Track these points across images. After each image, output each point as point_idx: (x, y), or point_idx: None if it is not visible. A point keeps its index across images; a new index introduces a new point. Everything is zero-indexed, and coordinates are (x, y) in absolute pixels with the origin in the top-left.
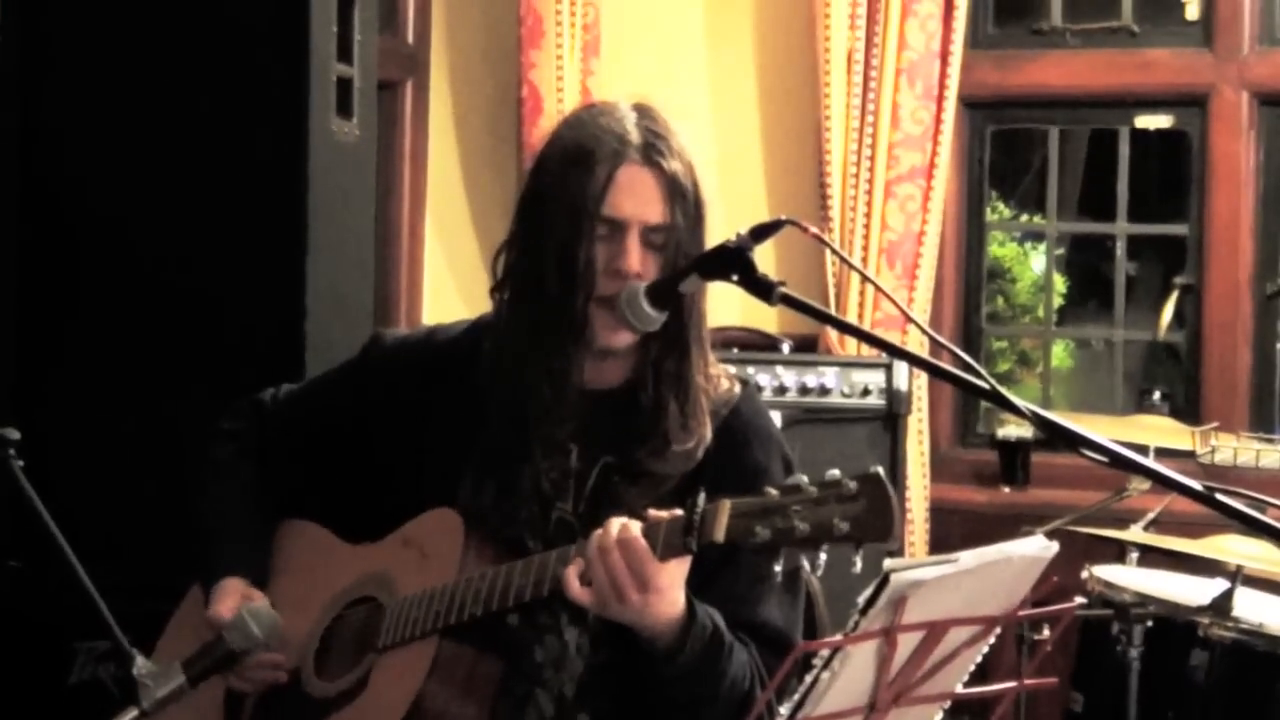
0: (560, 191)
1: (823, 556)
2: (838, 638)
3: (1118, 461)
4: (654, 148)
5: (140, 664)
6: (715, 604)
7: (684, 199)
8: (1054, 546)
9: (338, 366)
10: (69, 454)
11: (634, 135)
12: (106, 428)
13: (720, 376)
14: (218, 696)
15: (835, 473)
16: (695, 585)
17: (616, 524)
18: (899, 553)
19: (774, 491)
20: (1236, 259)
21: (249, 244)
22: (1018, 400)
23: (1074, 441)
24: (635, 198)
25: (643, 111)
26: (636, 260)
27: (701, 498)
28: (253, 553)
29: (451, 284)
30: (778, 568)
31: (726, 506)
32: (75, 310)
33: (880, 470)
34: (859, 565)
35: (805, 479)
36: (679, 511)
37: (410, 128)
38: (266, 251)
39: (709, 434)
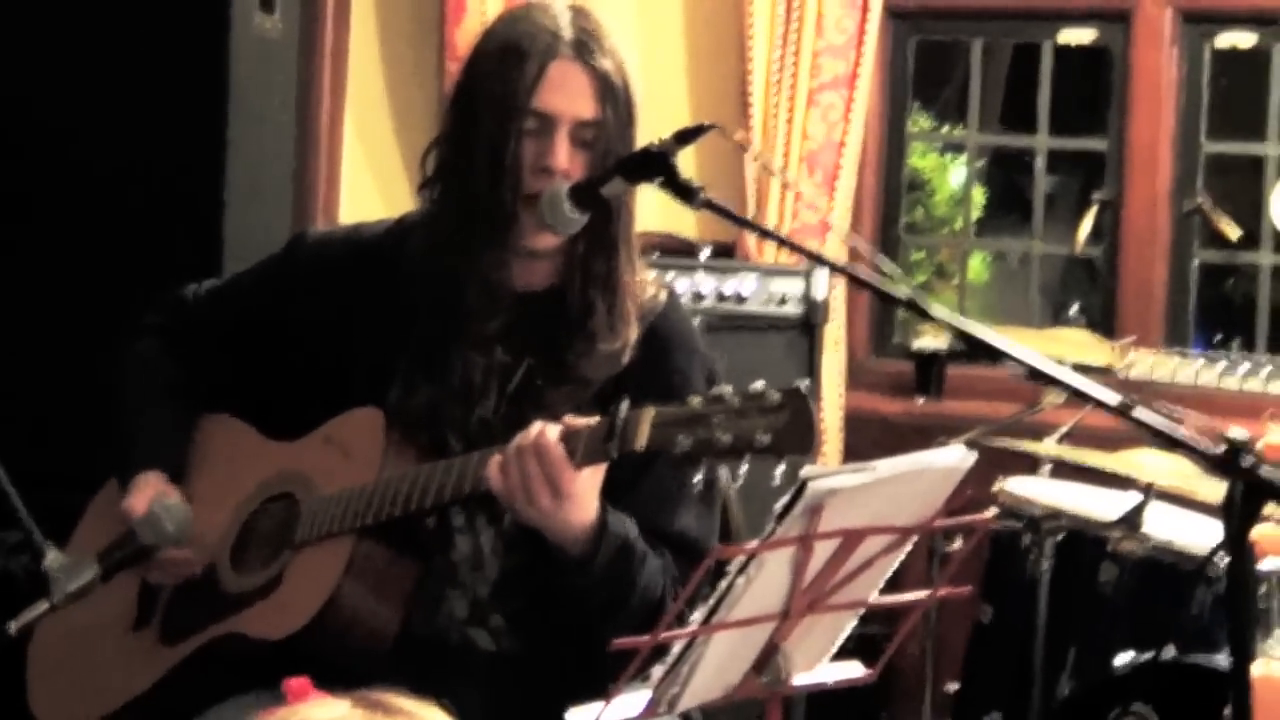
0: (491, 86)
1: (744, 468)
2: (754, 543)
3: (1038, 374)
4: (586, 45)
5: (52, 557)
6: (631, 511)
7: (615, 97)
8: (972, 456)
9: (261, 263)
10: None
11: (567, 32)
12: (23, 320)
13: (646, 282)
14: (131, 590)
15: (759, 385)
16: (610, 492)
17: (536, 427)
18: (813, 461)
19: (697, 401)
20: (1155, 175)
21: (169, 138)
22: (937, 309)
23: (995, 353)
24: (566, 93)
25: (577, 10)
26: (564, 157)
27: (625, 405)
28: (170, 447)
29: (370, 182)
30: (697, 477)
31: (650, 414)
32: None
33: (803, 384)
34: (778, 478)
35: (729, 390)
36: (597, 419)
37: (332, 23)
38: (186, 146)
39: (635, 337)
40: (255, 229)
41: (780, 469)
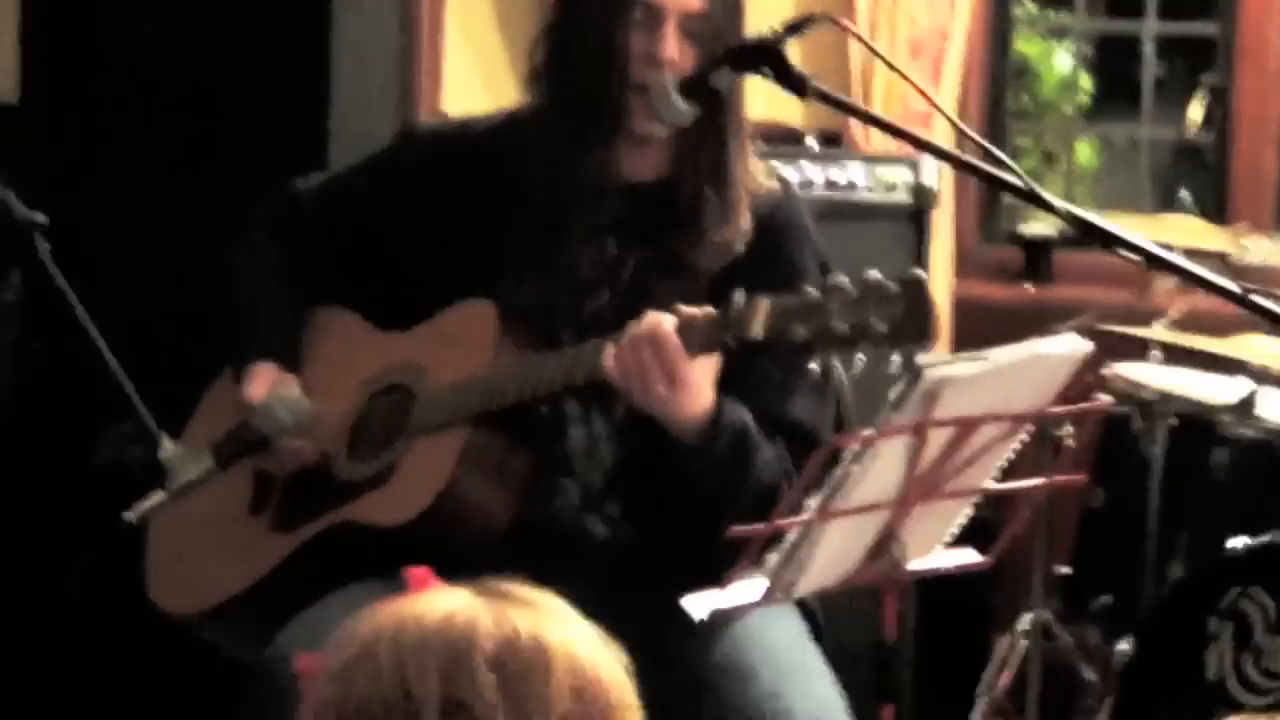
0: None
1: (859, 358)
2: (869, 431)
3: (1153, 260)
4: None
5: (167, 446)
6: (744, 400)
7: None
8: (1086, 345)
9: (371, 158)
10: (99, 243)
11: None
12: (134, 218)
13: (759, 172)
14: (247, 479)
15: (875, 273)
16: (725, 381)
17: (652, 316)
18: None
19: (813, 290)
20: (1266, 59)
21: (272, 37)
22: (1050, 196)
23: (1108, 239)
24: None
25: None
26: (673, 47)
27: (740, 294)
28: (285, 338)
29: (474, 75)
30: (812, 367)
31: (765, 304)
32: (103, 103)
33: (922, 273)
34: (895, 368)
35: (846, 279)
36: (712, 309)
37: None
38: (290, 43)
39: (747, 228)
40: (360, 124)
41: (895, 359)
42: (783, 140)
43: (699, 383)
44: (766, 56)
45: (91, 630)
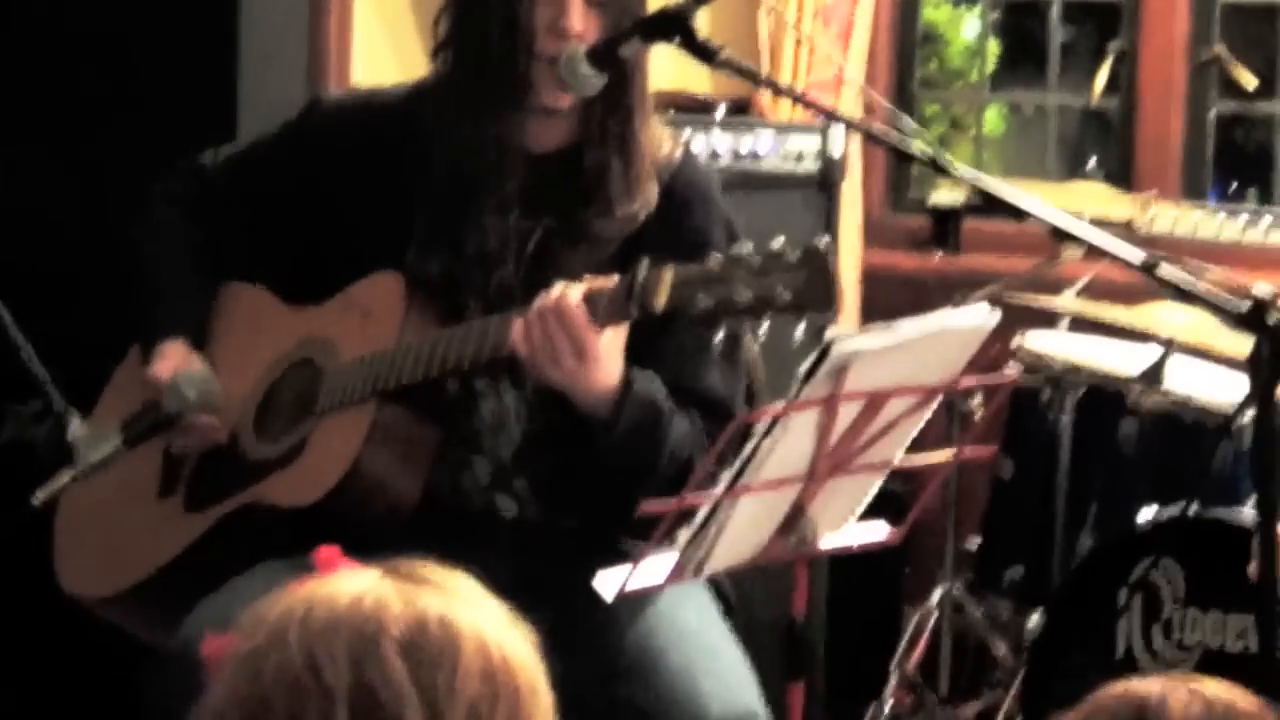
0: None
1: (764, 326)
2: (779, 406)
3: (1059, 231)
4: None
5: (75, 426)
6: (655, 371)
7: None
8: (995, 316)
9: (277, 129)
10: (1, 217)
11: None
12: (38, 191)
13: (662, 140)
14: (156, 459)
15: (779, 242)
16: (634, 353)
17: (557, 288)
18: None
19: (717, 259)
20: (1172, 25)
21: (179, 5)
22: (958, 166)
23: (1014, 209)
24: None
25: None
26: (579, 18)
27: (645, 264)
28: (192, 314)
29: (384, 45)
30: (719, 336)
31: (669, 273)
32: (4, 72)
33: (824, 241)
34: (799, 337)
35: (749, 248)
36: (617, 278)
37: None
38: (197, 12)
39: (653, 197)
40: (270, 95)
41: (801, 329)
42: (691, 109)
43: (607, 355)
44: (676, 26)
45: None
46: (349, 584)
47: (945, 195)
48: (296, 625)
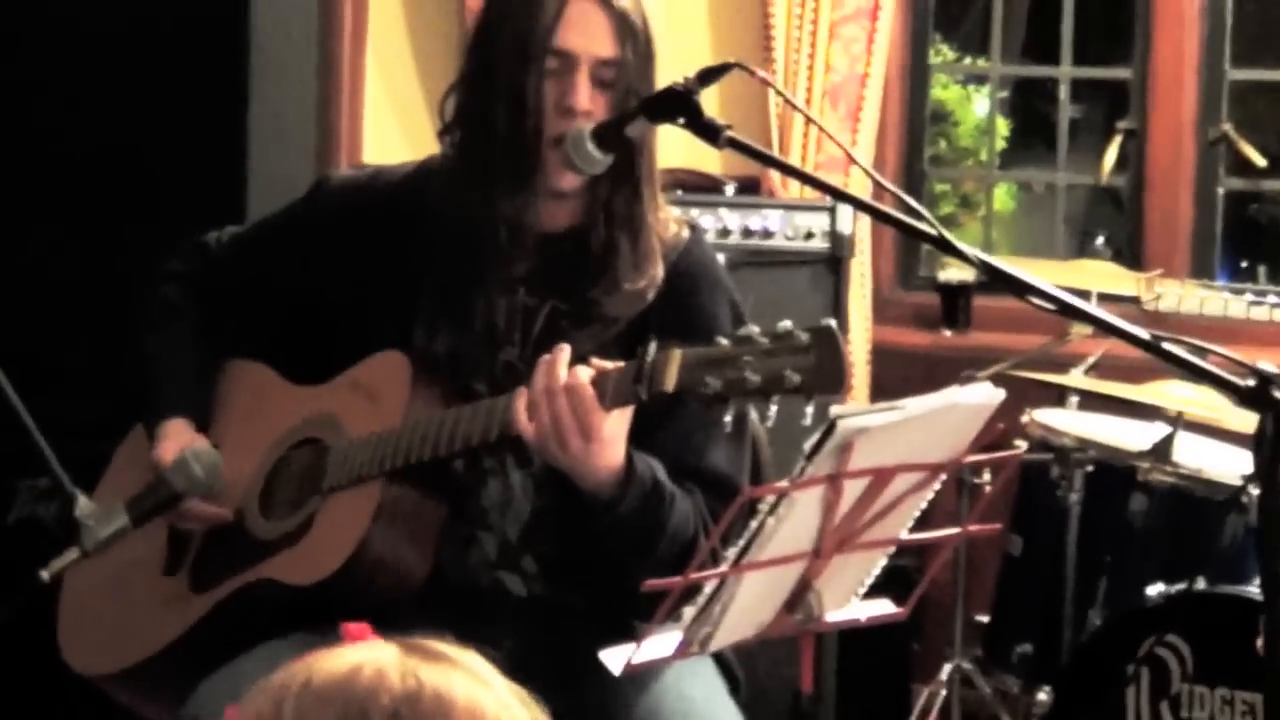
0: (510, 26)
1: (773, 408)
2: (784, 483)
3: (1065, 309)
4: None
5: (82, 504)
6: (660, 450)
7: (634, 36)
8: (1000, 394)
9: (283, 208)
10: (7, 298)
11: None
12: (47, 270)
13: (669, 220)
14: (161, 537)
15: (787, 324)
16: (639, 431)
17: (563, 362)
18: (843, 397)
19: (725, 341)
20: (1180, 103)
21: (189, 82)
22: (964, 246)
23: (1021, 288)
24: (585, 32)
25: None
26: (585, 97)
27: (653, 346)
28: (196, 393)
29: (393, 124)
30: (727, 417)
31: (677, 356)
32: (10, 153)
33: (833, 323)
34: (809, 418)
35: (757, 329)
36: (625, 363)
37: None
38: (207, 89)
39: (660, 276)
40: (278, 174)
41: (810, 408)
42: (701, 187)
43: (612, 437)
44: (682, 106)
45: (4, 689)
46: (354, 655)
47: (954, 273)
48: (294, 692)
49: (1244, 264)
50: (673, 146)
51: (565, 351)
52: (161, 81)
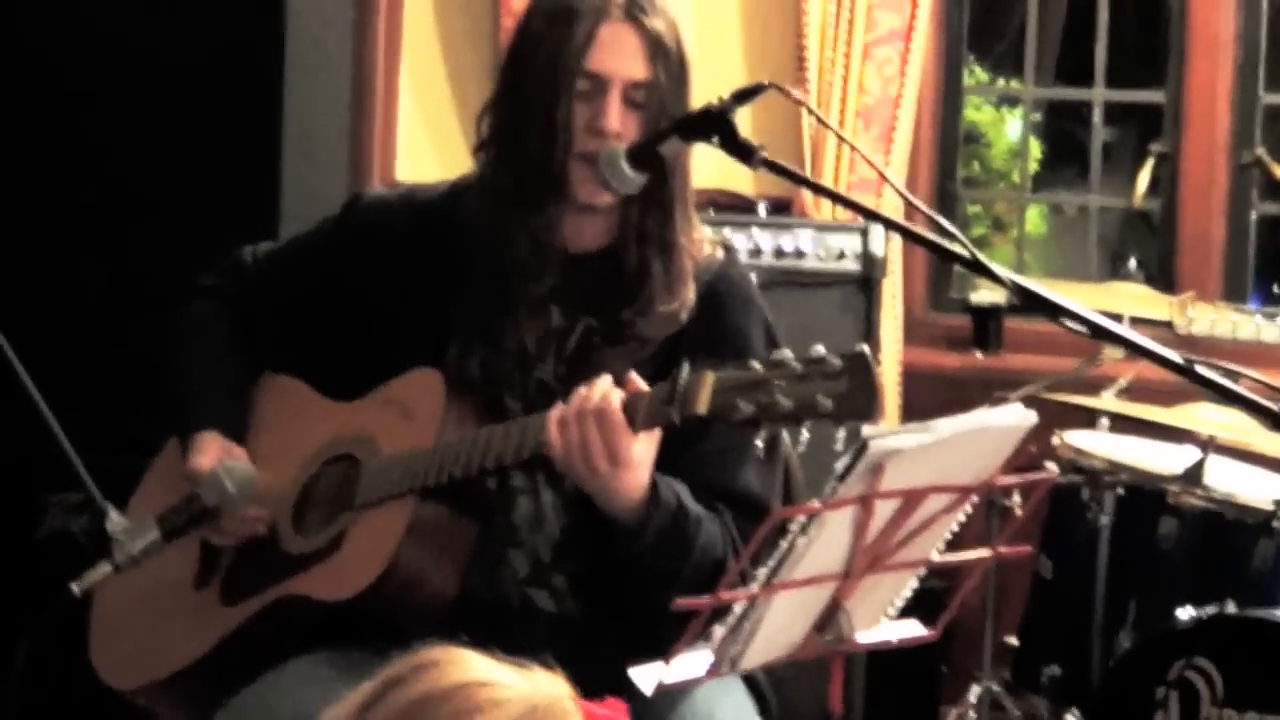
0: (542, 48)
1: (804, 433)
2: (815, 504)
3: (1098, 332)
4: (637, 4)
5: (114, 518)
6: (691, 470)
7: (666, 57)
8: (1032, 416)
9: (318, 225)
10: (43, 311)
11: None
12: (81, 284)
13: (704, 241)
14: (193, 551)
15: (820, 349)
16: (670, 451)
17: (600, 388)
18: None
19: (758, 365)
20: (1213, 127)
21: (223, 100)
22: (997, 268)
23: (1054, 310)
24: (617, 54)
25: None
26: (617, 119)
27: (685, 369)
28: (230, 407)
29: (426, 142)
30: (759, 441)
31: (710, 379)
32: (45, 168)
33: (866, 349)
34: (841, 442)
35: (790, 354)
36: (656, 387)
37: None
38: (241, 106)
39: (692, 296)
40: (311, 191)
41: (842, 432)
42: (733, 207)
43: (639, 461)
44: (715, 126)
45: (36, 703)
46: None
47: (986, 295)
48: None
49: (1276, 288)
50: (704, 166)
51: (606, 380)
52: (197, 98)
